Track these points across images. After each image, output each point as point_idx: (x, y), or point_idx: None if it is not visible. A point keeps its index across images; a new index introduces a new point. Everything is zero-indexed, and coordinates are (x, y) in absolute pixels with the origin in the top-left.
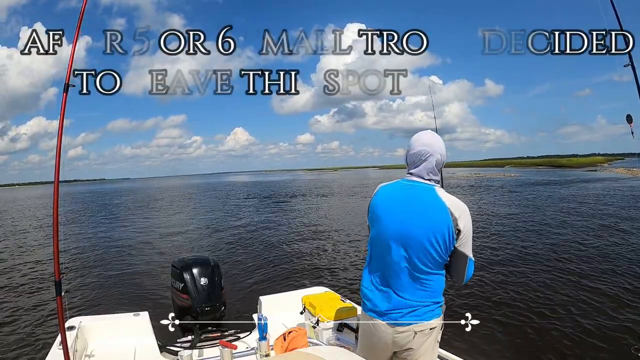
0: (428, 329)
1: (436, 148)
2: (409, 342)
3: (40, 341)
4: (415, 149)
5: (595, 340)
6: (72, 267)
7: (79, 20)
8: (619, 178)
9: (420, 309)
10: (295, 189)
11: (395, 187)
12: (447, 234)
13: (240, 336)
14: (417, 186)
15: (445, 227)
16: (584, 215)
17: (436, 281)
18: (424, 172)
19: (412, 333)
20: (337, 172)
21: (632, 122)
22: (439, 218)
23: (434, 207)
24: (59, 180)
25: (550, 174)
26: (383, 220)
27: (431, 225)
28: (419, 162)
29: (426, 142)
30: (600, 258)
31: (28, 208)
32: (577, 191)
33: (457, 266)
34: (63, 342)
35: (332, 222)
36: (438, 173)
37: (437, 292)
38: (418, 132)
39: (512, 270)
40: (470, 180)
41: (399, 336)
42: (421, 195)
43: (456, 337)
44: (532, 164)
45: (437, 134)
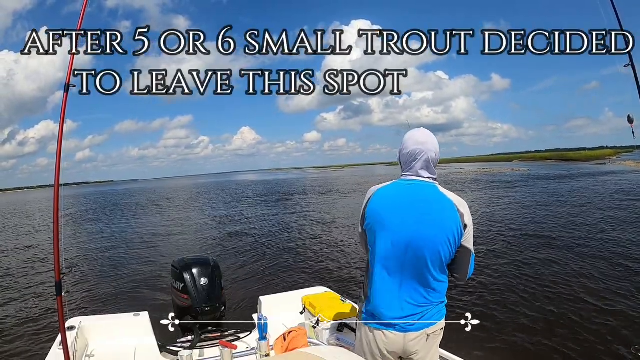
0: (439, 330)
1: (430, 146)
2: (420, 346)
3: (40, 341)
4: (409, 147)
5: (596, 340)
6: (73, 267)
7: (79, 21)
8: (628, 171)
9: (430, 311)
10: (299, 188)
11: (395, 189)
12: (457, 232)
13: (240, 336)
14: (420, 185)
15: (454, 226)
16: (591, 210)
17: (444, 281)
18: (421, 171)
19: (424, 337)
20: (344, 169)
21: (632, 122)
22: (449, 216)
23: (442, 206)
24: (59, 182)
25: (558, 168)
26: (390, 226)
27: (442, 225)
28: (414, 161)
29: (420, 141)
30: (606, 255)
31: (35, 210)
32: (584, 185)
33: (462, 262)
34: (63, 342)
35: (333, 221)
36: (435, 170)
37: (444, 292)
38: (410, 131)
39: (514, 269)
40: (478, 175)
41: (411, 343)
42: (426, 194)
43: (456, 337)
44: (540, 158)
45: (429, 131)
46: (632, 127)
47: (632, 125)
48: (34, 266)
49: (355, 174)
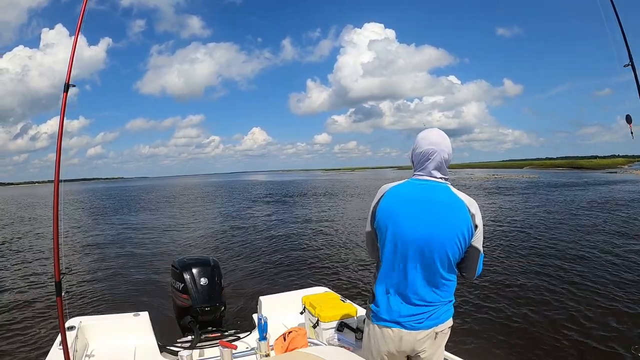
0: (447, 328)
1: (443, 146)
2: (428, 344)
3: (40, 341)
4: (423, 147)
5: (596, 339)
6: (73, 267)
7: (79, 20)
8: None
9: (439, 309)
10: (306, 189)
11: (408, 187)
12: (467, 233)
13: (240, 336)
14: (433, 185)
15: (465, 227)
16: (598, 220)
17: (453, 280)
18: (434, 171)
19: (433, 335)
20: (354, 172)
21: (631, 122)
22: (460, 217)
23: (454, 206)
24: (59, 182)
25: (569, 176)
26: (401, 225)
27: (454, 225)
28: (426, 161)
29: (433, 141)
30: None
31: (40, 205)
32: (593, 194)
33: (470, 262)
34: (63, 342)
35: (334, 221)
36: (447, 171)
37: (452, 291)
38: (424, 131)
39: (515, 271)
40: (488, 181)
41: (419, 341)
42: (439, 194)
43: (456, 337)
44: (551, 165)
45: (443, 132)
46: (630, 128)
47: (631, 126)
48: (34, 266)
49: (366, 177)
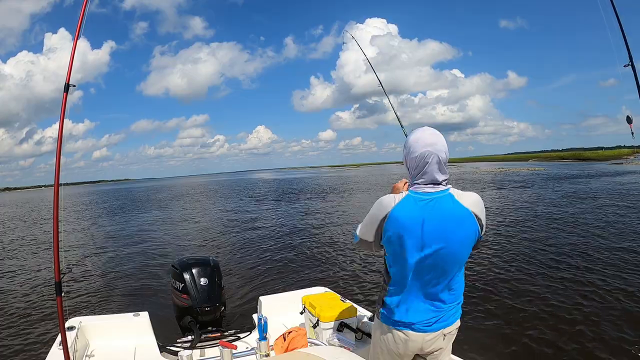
0: (454, 329)
1: (439, 146)
2: (437, 346)
3: (40, 341)
4: (418, 151)
5: (595, 339)
6: (73, 267)
7: (79, 21)
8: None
9: (448, 312)
10: (309, 186)
11: (413, 206)
12: (476, 236)
13: (240, 336)
14: (437, 199)
15: (475, 235)
16: (601, 210)
17: (461, 283)
18: (436, 174)
19: (441, 336)
20: (359, 168)
21: (632, 122)
22: (470, 227)
23: (463, 219)
24: (59, 183)
25: (574, 167)
26: (410, 245)
27: (465, 237)
28: (425, 166)
29: (428, 142)
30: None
31: (43, 207)
32: (600, 186)
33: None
34: (63, 342)
35: (335, 220)
36: (446, 171)
37: (461, 292)
38: (415, 132)
39: (517, 268)
40: (493, 174)
41: (428, 342)
42: (446, 209)
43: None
44: (556, 157)
45: (436, 130)
46: (631, 128)
47: (631, 126)
48: (34, 266)
49: (371, 173)
